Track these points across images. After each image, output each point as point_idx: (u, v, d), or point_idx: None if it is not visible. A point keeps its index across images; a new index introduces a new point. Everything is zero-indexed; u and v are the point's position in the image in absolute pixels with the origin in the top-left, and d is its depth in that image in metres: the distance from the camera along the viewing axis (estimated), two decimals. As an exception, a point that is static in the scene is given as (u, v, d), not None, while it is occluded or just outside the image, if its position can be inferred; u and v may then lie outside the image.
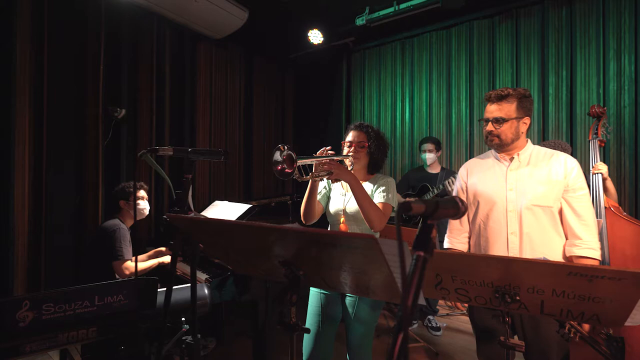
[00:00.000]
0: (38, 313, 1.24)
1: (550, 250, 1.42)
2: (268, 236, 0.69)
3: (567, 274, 0.76)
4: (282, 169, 1.18)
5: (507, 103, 1.43)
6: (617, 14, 2.87)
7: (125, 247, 2.03)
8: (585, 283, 0.76)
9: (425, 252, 0.45)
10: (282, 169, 1.18)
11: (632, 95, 2.81)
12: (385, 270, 0.60)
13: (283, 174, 1.18)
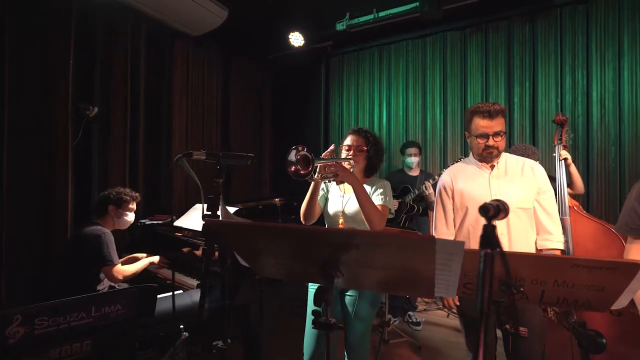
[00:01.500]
0: (30, 328, 1.14)
1: (528, 245, 1.57)
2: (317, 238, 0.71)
3: (571, 265, 0.87)
4: (296, 170, 1.20)
5: (501, 118, 1.56)
6: (572, 33, 3.20)
7: (114, 252, 1.92)
8: (586, 273, 0.87)
9: (492, 249, 0.50)
10: (296, 170, 1.20)
11: (584, 106, 3.15)
12: (430, 268, 0.65)
13: (297, 175, 1.20)
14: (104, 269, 1.89)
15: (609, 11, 3.05)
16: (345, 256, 0.74)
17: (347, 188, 1.69)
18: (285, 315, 3.13)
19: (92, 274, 1.90)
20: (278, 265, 0.84)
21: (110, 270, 1.90)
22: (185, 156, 1.01)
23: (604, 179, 3.04)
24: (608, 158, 3.04)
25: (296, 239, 0.77)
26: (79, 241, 1.93)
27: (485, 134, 1.55)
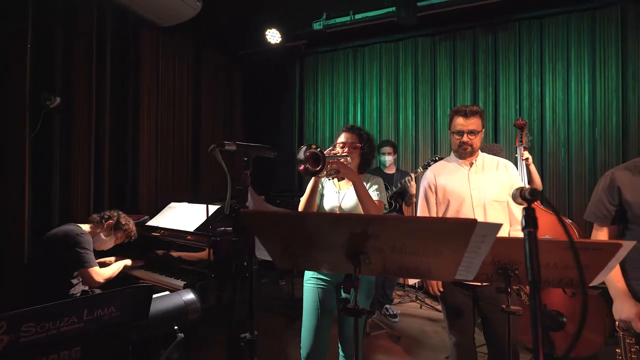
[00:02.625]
0: (15, 336, 1.03)
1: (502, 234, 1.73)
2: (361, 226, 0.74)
3: (565, 247, 0.98)
4: (305, 168, 1.21)
5: (477, 118, 1.70)
6: (529, 45, 3.53)
7: (92, 253, 1.78)
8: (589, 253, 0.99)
9: (535, 228, 0.57)
10: (306, 168, 1.21)
11: (538, 111, 3.49)
12: (460, 250, 0.71)
13: (307, 172, 1.22)
14: (81, 271, 1.75)
15: (559, 28, 3.41)
16: (380, 242, 0.77)
17: (342, 184, 1.73)
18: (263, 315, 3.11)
19: (65, 277, 1.75)
20: (306, 256, 0.85)
21: (88, 272, 1.76)
22: (218, 146, 0.97)
23: (555, 176, 3.39)
24: (558, 158, 3.40)
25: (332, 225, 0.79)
26: (53, 241, 1.77)
27: (461, 131, 1.69)
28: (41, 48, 2.49)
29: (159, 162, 3.57)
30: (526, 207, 0.62)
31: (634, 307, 1.24)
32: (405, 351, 2.57)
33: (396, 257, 0.80)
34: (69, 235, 1.76)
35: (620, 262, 1.23)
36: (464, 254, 0.74)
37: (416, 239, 0.73)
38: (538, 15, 3.47)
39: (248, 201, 0.89)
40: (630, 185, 1.28)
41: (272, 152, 1.12)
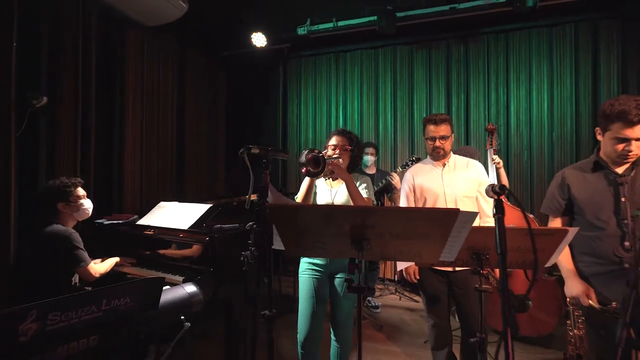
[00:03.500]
0: (43, 324, 1.11)
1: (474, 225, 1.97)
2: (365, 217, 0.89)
3: (525, 234, 1.19)
4: (307, 170, 1.36)
5: (446, 125, 1.93)
6: (496, 57, 3.86)
7: (84, 251, 1.82)
8: (544, 239, 1.20)
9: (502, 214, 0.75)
10: (307, 170, 1.36)
11: (504, 118, 3.83)
12: (446, 235, 0.89)
13: (309, 173, 1.37)
14: (79, 270, 1.79)
15: (522, 42, 3.77)
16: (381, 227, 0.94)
17: (334, 183, 1.89)
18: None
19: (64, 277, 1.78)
20: (317, 242, 1.00)
21: (86, 270, 1.80)
22: (246, 150, 1.09)
23: (519, 175, 3.74)
24: (522, 159, 3.75)
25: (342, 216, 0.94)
26: (44, 244, 1.79)
27: (433, 137, 1.93)
28: (27, 46, 2.46)
29: (143, 161, 3.57)
30: (496, 199, 0.80)
31: (581, 285, 1.48)
32: (387, 338, 2.78)
33: (394, 243, 0.97)
34: (59, 237, 1.78)
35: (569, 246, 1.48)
36: (448, 238, 0.92)
37: (411, 227, 0.90)
38: (504, 30, 3.80)
39: (269, 197, 1.02)
40: (577, 183, 1.53)
41: (285, 155, 1.26)
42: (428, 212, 0.97)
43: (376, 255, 1.03)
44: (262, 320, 1.15)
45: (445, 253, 0.99)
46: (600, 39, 3.56)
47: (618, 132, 1.36)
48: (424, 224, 0.90)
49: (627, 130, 1.33)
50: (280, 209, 0.93)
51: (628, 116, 1.31)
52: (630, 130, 1.32)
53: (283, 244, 1.03)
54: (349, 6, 3.73)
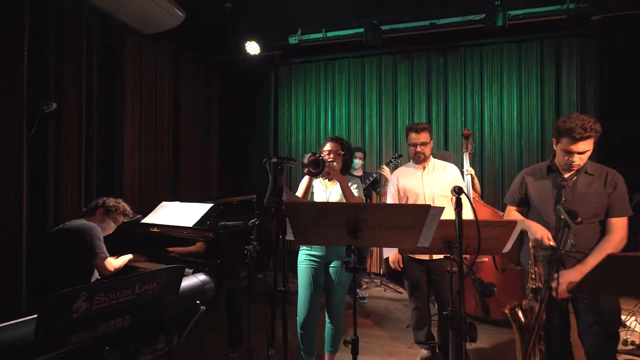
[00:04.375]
0: (90, 303, 1.31)
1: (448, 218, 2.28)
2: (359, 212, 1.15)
3: (484, 225, 1.48)
4: (309, 170, 1.62)
5: (426, 132, 2.23)
6: (471, 67, 4.22)
7: (104, 245, 2.01)
8: (491, 230, 1.49)
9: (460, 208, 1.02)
10: (309, 171, 1.62)
11: (479, 124, 4.20)
12: (421, 225, 1.16)
13: (311, 174, 1.64)
14: (97, 262, 1.97)
15: (495, 55, 4.14)
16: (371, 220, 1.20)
17: (329, 184, 2.15)
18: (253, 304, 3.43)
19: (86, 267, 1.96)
20: (321, 233, 1.25)
21: (102, 262, 1.99)
22: (268, 159, 1.33)
23: (492, 176, 4.11)
24: (494, 162, 4.12)
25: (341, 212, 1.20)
26: (69, 235, 1.97)
27: (415, 143, 2.24)
28: (35, 55, 2.60)
29: (142, 163, 3.73)
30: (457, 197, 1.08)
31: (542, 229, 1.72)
32: (374, 324, 3.07)
33: (382, 232, 1.23)
34: (84, 228, 1.97)
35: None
36: (423, 228, 1.19)
37: (395, 219, 1.17)
38: (479, 44, 4.17)
39: (284, 196, 1.26)
40: (532, 182, 1.85)
41: (294, 162, 1.50)
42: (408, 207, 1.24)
43: (367, 243, 1.29)
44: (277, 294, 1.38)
45: (421, 240, 1.26)
46: (562, 54, 3.97)
47: (565, 146, 1.64)
48: (405, 217, 1.17)
49: (572, 145, 1.61)
50: (295, 205, 1.18)
51: (573, 133, 1.58)
52: (574, 146, 1.60)
53: (293, 234, 1.28)
54: (338, 18, 4.00)
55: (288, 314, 1.69)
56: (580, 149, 1.61)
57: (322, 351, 2.17)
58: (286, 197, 1.28)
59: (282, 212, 1.20)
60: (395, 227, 1.22)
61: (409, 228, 1.21)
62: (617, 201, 1.65)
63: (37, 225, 2.60)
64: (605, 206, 1.65)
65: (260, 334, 2.28)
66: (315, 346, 2.11)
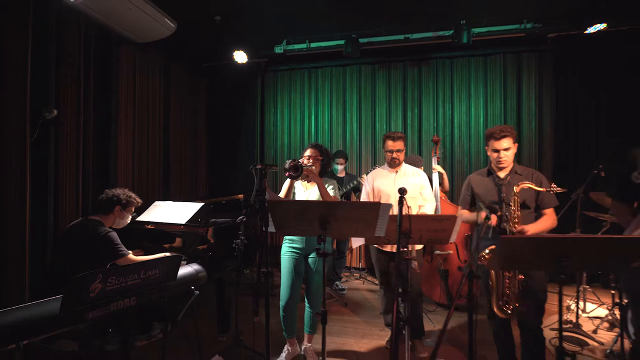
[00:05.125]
0: (104, 285, 1.57)
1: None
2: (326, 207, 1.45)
3: (433, 220, 1.81)
4: (290, 174, 1.92)
5: (401, 140, 2.55)
6: (443, 78, 4.60)
7: (121, 244, 2.23)
8: (438, 223, 1.83)
9: (402, 207, 1.34)
10: (290, 174, 1.93)
11: (449, 129, 4.58)
12: (375, 218, 1.46)
13: (292, 177, 1.94)
14: (119, 261, 2.19)
15: (463, 67, 4.53)
16: (337, 215, 1.51)
17: (308, 185, 2.45)
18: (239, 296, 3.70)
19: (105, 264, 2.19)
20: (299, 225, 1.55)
21: (125, 260, 2.20)
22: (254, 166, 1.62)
23: (461, 178, 4.49)
24: (463, 164, 4.51)
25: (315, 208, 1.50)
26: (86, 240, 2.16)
27: (391, 150, 2.56)
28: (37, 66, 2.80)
29: (135, 165, 3.94)
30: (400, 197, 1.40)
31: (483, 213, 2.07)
32: (351, 311, 3.39)
33: (346, 225, 1.54)
34: (100, 235, 2.16)
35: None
36: (377, 220, 1.50)
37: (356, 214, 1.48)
38: (449, 56, 4.55)
39: (267, 195, 1.54)
40: (476, 183, 2.20)
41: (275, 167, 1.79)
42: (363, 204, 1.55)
43: (335, 234, 1.60)
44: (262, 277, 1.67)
45: (377, 230, 1.57)
46: (522, 67, 4.40)
47: (492, 146, 2.07)
48: (362, 212, 1.48)
49: (495, 143, 2.04)
50: (275, 203, 1.47)
51: (494, 135, 2.04)
52: (497, 143, 2.04)
53: (275, 226, 1.57)
54: (321, 31, 4.30)
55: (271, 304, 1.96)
56: (503, 146, 2.04)
57: (301, 333, 2.48)
58: (269, 197, 1.57)
59: (266, 209, 1.49)
60: (356, 220, 1.53)
61: (366, 221, 1.52)
62: (545, 196, 2.02)
63: (38, 222, 2.80)
64: (533, 198, 2.02)
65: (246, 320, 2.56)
66: (295, 327, 2.41)
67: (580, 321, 2.94)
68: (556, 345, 1.35)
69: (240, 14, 3.85)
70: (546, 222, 2.00)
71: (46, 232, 2.84)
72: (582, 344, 2.67)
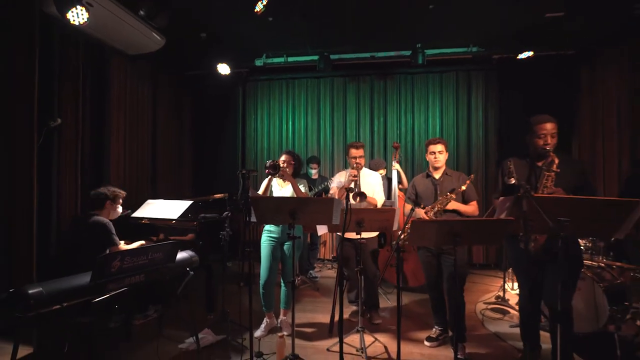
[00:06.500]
0: (121, 263, 2.02)
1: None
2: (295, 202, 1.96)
3: (378, 212, 2.36)
4: (269, 172, 2.44)
5: (362, 149, 3.10)
6: (405, 91, 5.23)
7: (116, 235, 2.64)
8: (383, 214, 2.38)
9: (348, 201, 1.87)
10: (269, 173, 2.44)
11: (410, 136, 5.21)
12: (331, 210, 1.99)
13: (270, 174, 2.45)
14: (111, 248, 2.60)
15: (422, 82, 5.18)
16: (304, 208, 2.02)
17: (283, 184, 2.95)
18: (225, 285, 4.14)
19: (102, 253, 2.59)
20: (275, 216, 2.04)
21: (116, 249, 2.61)
22: (240, 171, 2.10)
23: (420, 180, 5.13)
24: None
25: (287, 202, 2.01)
26: (90, 228, 2.58)
27: (354, 156, 3.10)
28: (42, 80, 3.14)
29: (126, 167, 4.30)
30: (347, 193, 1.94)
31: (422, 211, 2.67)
32: (322, 294, 3.92)
33: (311, 216, 2.06)
34: (101, 224, 2.58)
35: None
36: (333, 212, 2.03)
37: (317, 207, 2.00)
38: (410, 72, 5.19)
39: (250, 193, 2.02)
40: (418, 184, 2.78)
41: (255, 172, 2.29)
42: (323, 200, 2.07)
43: (303, 222, 2.12)
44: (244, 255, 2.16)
45: (334, 219, 2.10)
46: (472, 84, 5.10)
47: (429, 150, 2.70)
48: (321, 206, 2.01)
49: (432, 147, 2.67)
50: (258, 199, 1.96)
51: (432, 141, 2.69)
52: (433, 147, 2.67)
53: (256, 217, 2.07)
54: (296, 48, 4.81)
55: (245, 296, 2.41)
56: (437, 149, 2.67)
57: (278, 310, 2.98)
58: (251, 194, 2.06)
59: (249, 204, 1.99)
60: (318, 212, 2.06)
61: (325, 213, 2.05)
62: (468, 191, 2.62)
63: (44, 216, 3.15)
64: (461, 194, 2.62)
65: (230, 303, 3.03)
66: (273, 303, 2.91)
67: (507, 296, 3.60)
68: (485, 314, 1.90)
69: (224, 33, 4.30)
70: (469, 208, 2.61)
71: (50, 223, 3.19)
72: (505, 313, 3.33)
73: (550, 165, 1.91)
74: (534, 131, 2.08)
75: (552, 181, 1.90)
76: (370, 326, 3.03)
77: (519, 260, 2.20)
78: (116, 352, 2.56)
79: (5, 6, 2.92)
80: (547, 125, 2.04)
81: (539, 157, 2.08)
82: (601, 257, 2.88)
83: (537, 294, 2.14)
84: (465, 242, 1.83)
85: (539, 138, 2.05)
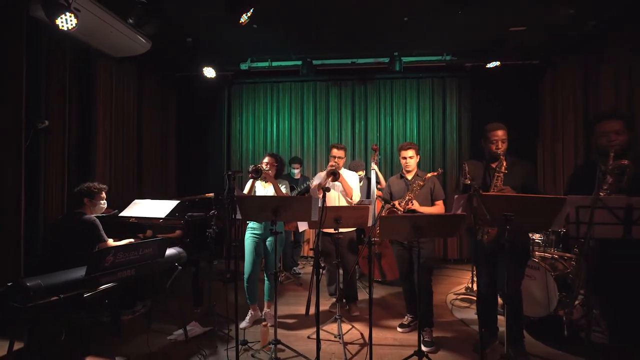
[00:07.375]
0: (115, 258, 2.16)
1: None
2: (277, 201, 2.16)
3: (353, 209, 2.59)
4: (252, 175, 2.62)
5: (343, 150, 3.32)
6: (384, 95, 5.50)
7: (103, 232, 2.75)
8: (360, 210, 2.60)
9: (324, 198, 2.07)
10: (252, 176, 2.62)
11: (389, 138, 5.48)
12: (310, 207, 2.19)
13: (253, 177, 2.64)
14: (100, 245, 2.71)
15: (400, 87, 5.46)
16: (285, 206, 2.22)
17: (266, 185, 3.14)
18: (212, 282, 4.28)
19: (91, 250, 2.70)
20: (259, 214, 2.23)
21: (105, 245, 2.73)
22: (226, 173, 2.27)
23: (398, 180, 5.40)
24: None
25: (269, 201, 2.20)
26: (78, 226, 2.68)
27: (334, 156, 3.31)
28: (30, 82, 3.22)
29: (112, 167, 4.38)
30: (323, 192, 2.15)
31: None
32: (304, 289, 4.12)
33: (292, 213, 2.26)
34: (88, 222, 2.68)
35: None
36: (311, 209, 2.23)
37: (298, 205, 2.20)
38: (389, 78, 5.46)
39: (235, 193, 2.21)
40: (393, 183, 3.03)
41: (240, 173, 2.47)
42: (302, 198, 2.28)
43: (284, 218, 2.32)
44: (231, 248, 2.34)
45: (312, 216, 2.31)
46: (447, 89, 5.41)
47: (402, 155, 2.93)
48: (302, 204, 2.21)
49: (403, 152, 2.91)
50: (242, 197, 2.14)
51: (403, 147, 2.92)
52: (405, 152, 2.90)
53: (241, 215, 2.25)
54: (279, 53, 4.99)
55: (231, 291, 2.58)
56: (408, 155, 2.91)
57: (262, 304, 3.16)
58: (237, 193, 2.24)
59: (235, 202, 2.17)
60: (298, 210, 2.27)
61: (305, 210, 2.26)
62: (436, 191, 2.88)
63: (31, 214, 3.22)
64: (429, 193, 2.88)
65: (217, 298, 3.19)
66: (256, 296, 3.09)
67: (475, 287, 3.90)
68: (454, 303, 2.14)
69: (209, 37, 4.43)
70: (434, 208, 2.87)
71: (37, 221, 3.27)
72: (472, 302, 3.62)
73: (500, 166, 2.18)
74: (488, 137, 2.35)
75: (501, 181, 2.17)
76: (349, 317, 3.26)
77: (476, 251, 2.47)
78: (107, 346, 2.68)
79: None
80: (498, 132, 2.32)
81: (492, 159, 2.35)
82: (553, 249, 3.20)
83: (493, 281, 2.41)
84: (426, 234, 2.07)
85: (491, 143, 2.32)
